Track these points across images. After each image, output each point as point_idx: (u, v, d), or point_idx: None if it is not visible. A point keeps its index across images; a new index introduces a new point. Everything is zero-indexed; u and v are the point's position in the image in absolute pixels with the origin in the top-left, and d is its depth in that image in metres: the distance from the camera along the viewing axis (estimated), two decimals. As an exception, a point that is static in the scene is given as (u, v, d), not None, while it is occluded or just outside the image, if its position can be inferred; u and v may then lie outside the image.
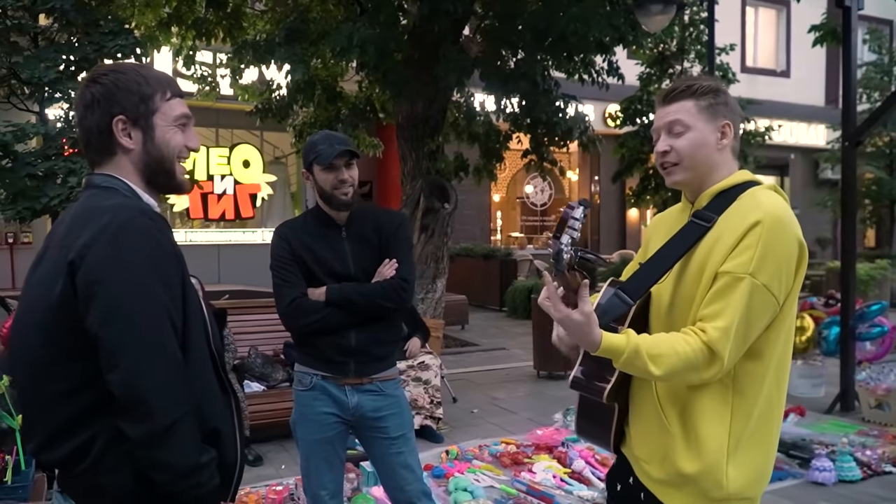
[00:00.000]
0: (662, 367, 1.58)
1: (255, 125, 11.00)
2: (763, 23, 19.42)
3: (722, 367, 1.60)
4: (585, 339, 1.57)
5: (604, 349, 1.57)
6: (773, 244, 1.61)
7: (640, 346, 1.58)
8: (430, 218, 8.43)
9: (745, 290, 1.60)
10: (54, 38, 6.57)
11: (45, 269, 1.49)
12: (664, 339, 1.63)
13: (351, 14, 8.24)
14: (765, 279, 1.60)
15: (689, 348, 1.59)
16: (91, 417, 1.43)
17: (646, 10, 7.11)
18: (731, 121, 1.77)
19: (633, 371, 1.63)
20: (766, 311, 1.63)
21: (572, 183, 18.66)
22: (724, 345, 1.58)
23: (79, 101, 1.57)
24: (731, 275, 1.62)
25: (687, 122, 1.75)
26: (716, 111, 1.76)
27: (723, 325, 1.59)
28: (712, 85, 1.79)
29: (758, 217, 1.62)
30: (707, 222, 1.71)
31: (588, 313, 1.54)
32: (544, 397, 6.74)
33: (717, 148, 1.76)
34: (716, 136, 1.75)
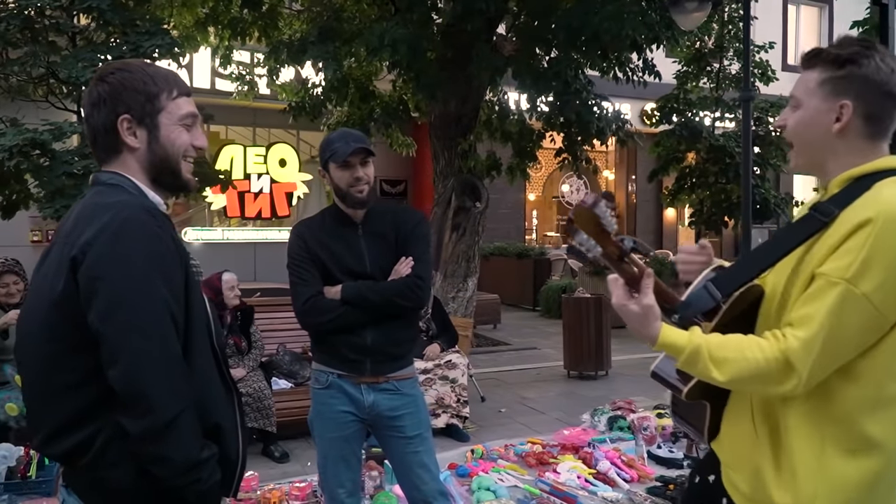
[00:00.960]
0: (727, 372, 1.42)
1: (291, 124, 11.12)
2: (805, 20, 19.02)
3: (800, 382, 1.40)
4: (642, 332, 1.47)
5: (661, 345, 1.45)
6: (884, 248, 1.36)
7: (703, 346, 1.43)
8: (461, 217, 8.42)
9: (837, 299, 1.38)
10: (92, 37, 6.67)
11: (49, 265, 1.51)
12: (735, 341, 1.45)
13: (385, 13, 8.27)
14: (866, 289, 1.37)
15: (760, 355, 1.42)
16: (94, 412, 1.45)
17: (681, 8, 7.00)
18: (861, 98, 1.48)
19: (695, 373, 1.48)
20: (864, 328, 1.40)
21: (609, 182, 18.50)
22: (802, 357, 1.39)
23: (86, 99, 1.60)
24: (825, 278, 1.41)
25: (800, 98, 1.54)
26: (836, 87, 1.49)
27: (807, 335, 1.39)
28: (843, 53, 1.49)
29: (869, 214, 1.38)
30: (825, 216, 1.47)
31: (645, 306, 1.44)
32: (574, 397, 6.68)
33: (829, 132, 1.50)
34: (830, 118, 1.50)
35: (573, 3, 7.47)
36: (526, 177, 9.81)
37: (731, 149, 11.20)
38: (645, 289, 1.44)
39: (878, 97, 1.49)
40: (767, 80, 11.70)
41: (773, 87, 12.11)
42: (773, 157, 11.47)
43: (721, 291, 1.53)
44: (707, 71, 11.85)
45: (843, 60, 1.49)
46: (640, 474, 4.45)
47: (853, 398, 1.45)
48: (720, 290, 1.53)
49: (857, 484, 1.45)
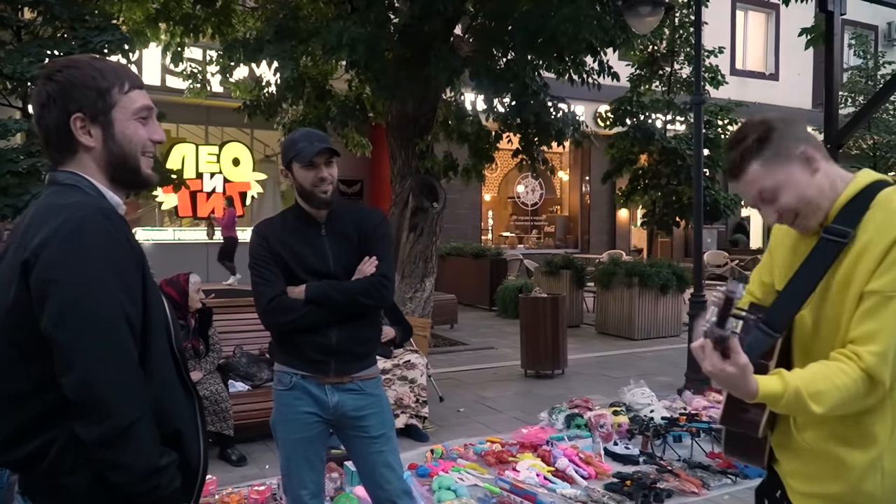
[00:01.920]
0: (824, 404, 1.51)
1: (246, 123, 10.97)
2: (752, 26, 19.55)
3: (884, 391, 1.54)
4: (741, 391, 1.51)
5: (762, 396, 1.51)
6: None
7: (800, 387, 1.51)
8: (419, 217, 8.42)
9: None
10: (38, 32, 6.50)
11: (3, 271, 1.45)
12: (820, 372, 1.54)
13: (342, 12, 8.22)
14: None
15: (848, 380, 1.52)
16: (50, 419, 1.41)
17: (635, 12, 7.12)
18: (803, 143, 1.64)
19: (794, 412, 1.58)
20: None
21: (563, 183, 18.72)
22: (882, 369, 1.51)
23: (35, 99, 1.53)
24: (879, 294, 1.53)
25: (770, 185, 1.64)
26: (783, 150, 1.63)
27: (879, 349, 1.51)
28: (758, 133, 1.64)
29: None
30: (842, 237, 1.59)
31: (743, 365, 1.48)
32: (531, 396, 6.74)
33: (815, 178, 1.64)
34: (803, 170, 1.63)
35: (530, 5, 7.53)
36: (481, 178, 9.85)
37: (683, 151, 11.44)
38: (735, 349, 1.48)
39: (803, 128, 1.68)
40: (717, 84, 11.99)
41: (723, 90, 12.42)
42: (723, 159, 11.74)
43: (775, 330, 1.64)
44: (659, 74, 12.09)
45: (766, 133, 1.63)
46: (597, 471, 4.51)
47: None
48: (773, 329, 1.63)
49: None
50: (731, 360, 1.47)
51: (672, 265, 10.34)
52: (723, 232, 19.34)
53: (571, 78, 8.37)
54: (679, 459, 4.71)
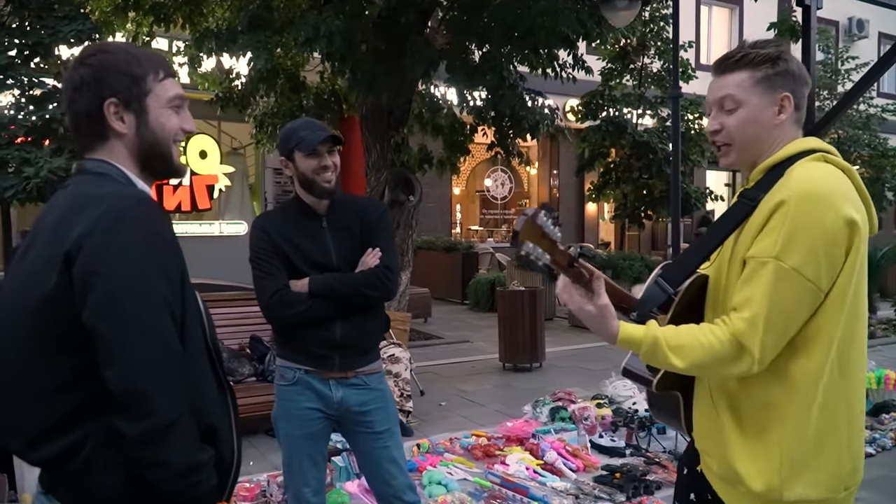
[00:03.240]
0: (686, 359, 1.51)
1: (213, 115, 10.76)
2: (717, 21, 19.81)
3: (754, 360, 1.49)
4: (602, 331, 1.53)
5: (621, 340, 1.53)
6: (802, 224, 1.47)
7: (660, 337, 1.51)
8: (395, 210, 8.34)
9: (772, 276, 1.48)
10: (5, 21, 6.31)
11: (35, 260, 1.40)
12: (688, 329, 1.55)
13: (315, 3, 8.10)
14: (794, 263, 1.47)
15: (714, 339, 1.50)
16: (83, 415, 1.36)
17: (612, 6, 7.16)
18: (792, 91, 1.62)
19: (656, 363, 1.57)
20: (802, 300, 1.49)
21: (532, 176, 18.78)
22: (751, 337, 1.48)
23: (67, 83, 1.49)
24: (755, 260, 1.51)
25: (739, 98, 1.62)
26: (773, 83, 1.61)
27: (749, 315, 1.49)
28: (771, 52, 1.61)
29: (783, 196, 1.50)
30: (752, 201, 1.58)
31: (602, 306, 1.50)
32: (511, 389, 6.76)
33: (773, 124, 1.62)
34: (772, 111, 1.61)
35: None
36: (456, 171, 9.83)
37: (654, 145, 11.56)
38: (598, 290, 1.49)
39: (803, 88, 1.65)
40: (688, 79, 12.12)
41: (691, 85, 12.55)
42: (693, 152, 11.90)
43: (671, 285, 1.63)
44: (630, 69, 12.18)
45: (774, 58, 1.61)
46: (585, 464, 4.53)
47: (806, 370, 1.54)
48: (670, 284, 1.63)
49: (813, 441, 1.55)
50: (591, 300, 1.50)
51: (644, 258, 10.46)
52: (688, 225, 19.62)
53: (545, 71, 8.38)
54: (665, 451, 4.76)
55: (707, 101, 1.71)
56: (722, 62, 1.66)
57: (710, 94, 1.68)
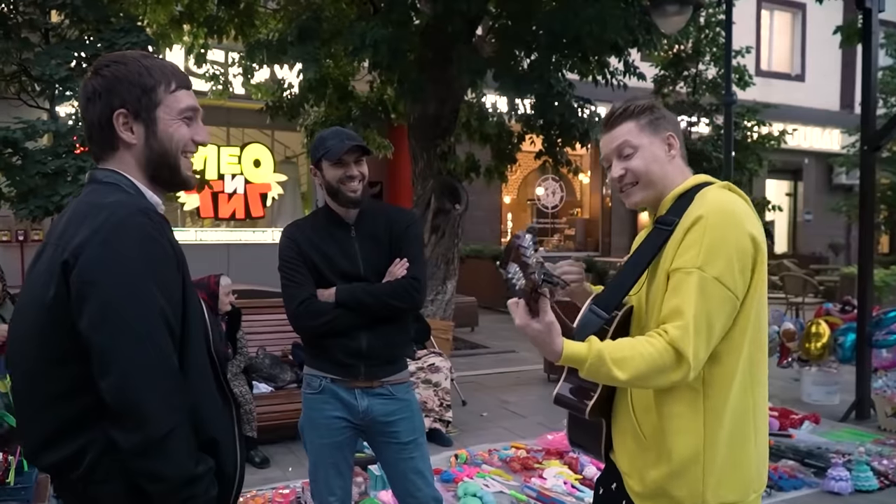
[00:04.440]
0: (628, 370, 1.56)
1: (267, 124, 10.95)
2: (778, 26, 19.27)
3: (690, 366, 1.57)
4: (547, 349, 1.58)
5: (566, 357, 1.57)
6: (720, 237, 1.61)
7: (603, 351, 1.57)
8: (441, 219, 8.37)
9: (697, 284, 1.59)
10: (65, 34, 6.54)
11: (41, 269, 1.43)
12: (628, 342, 1.62)
13: (364, 13, 8.19)
14: (715, 272, 1.59)
15: (652, 349, 1.57)
16: (85, 423, 1.37)
17: (662, 11, 7.02)
18: (674, 131, 1.82)
19: (600, 378, 1.63)
20: (724, 307, 1.61)
21: (584, 185, 18.58)
22: (686, 342, 1.56)
23: (81, 93, 1.52)
24: (680, 271, 1.62)
25: (634, 143, 1.79)
26: (657, 125, 1.80)
27: (682, 322, 1.57)
28: (646, 103, 1.83)
29: (701, 212, 1.64)
30: (668, 225, 1.72)
31: (548, 323, 1.54)
32: (555, 401, 6.65)
33: (667, 160, 1.80)
34: (664, 149, 1.80)
35: (554, 5, 7.46)
36: (504, 179, 9.80)
37: (709, 153, 11.29)
38: (543, 307, 1.53)
39: (678, 129, 1.85)
40: (745, 85, 11.82)
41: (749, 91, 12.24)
42: (750, 161, 11.59)
43: (605, 311, 1.74)
44: (684, 75, 11.94)
45: (650, 107, 1.83)
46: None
47: (719, 378, 1.66)
48: (604, 310, 1.74)
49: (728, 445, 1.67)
50: (538, 317, 1.53)
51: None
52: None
53: (595, 79, 8.28)
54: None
55: (604, 155, 1.87)
56: (608, 119, 1.85)
57: (605, 148, 1.85)
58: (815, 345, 6.71)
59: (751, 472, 1.72)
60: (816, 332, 6.81)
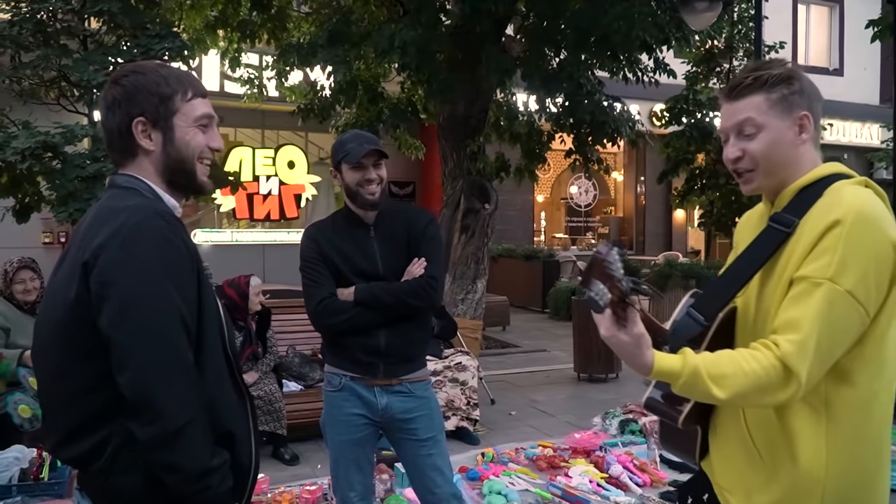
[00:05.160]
0: (727, 389, 1.41)
1: (300, 126, 11.10)
2: (815, 20, 18.93)
3: (800, 386, 1.40)
4: (635, 362, 1.43)
5: (657, 373, 1.42)
6: (857, 246, 1.41)
7: (700, 366, 1.41)
8: (470, 218, 8.41)
9: (825, 298, 1.40)
10: (103, 40, 6.70)
11: (65, 269, 1.50)
12: (728, 356, 1.45)
13: (393, 15, 8.27)
14: (848, 285, 1.41)
15: (758, 366, 1.41)
16: (105, 417, 1.44)
17: (691, 8, 6.97)
18: (810, 110, 1.57)
19: (695, 395, 1.48)
20: (851, 323, 1.43)
21: (618, 183, 18.46)
22: (800, 361, 1.39)
23: (101, 102, 1.59)
24: (808, 280, 1.43)
25: (759, 121, 1.55)
26: (791, 103, 1.55)
27: (799, 337, 1.40)
28: (783, 72, 1.57)
29: (838, 216, 1.43)
30: (787, 226, 1.52)
31: (637, 335, 1.40)
32: (584, 400, 6.65)
33: (796, 144, 1.56)
34: (794, 131, 1.56)
35: (582, 3, 7.45)
36: (534, 178, 9.81)
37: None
38: (632, 318, 1.39)
39: (818, 103, 1.59)
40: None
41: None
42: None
43: (704, 316, 1.56)
44: (717, 71, 11.80)
45: (787, 78, 1.56)
46: (652, 479, 4.41)
47: (849, 400, 1.48)
48: (703, 315, 1.56)
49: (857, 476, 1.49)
50: (626, 328, 1.39)
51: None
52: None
53: (626, 76, 8.25)
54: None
55: (722, 127, 1.63)
56: (734, 87, 1.60)
57: (725, 121, 1.61)
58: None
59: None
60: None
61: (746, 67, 1.63)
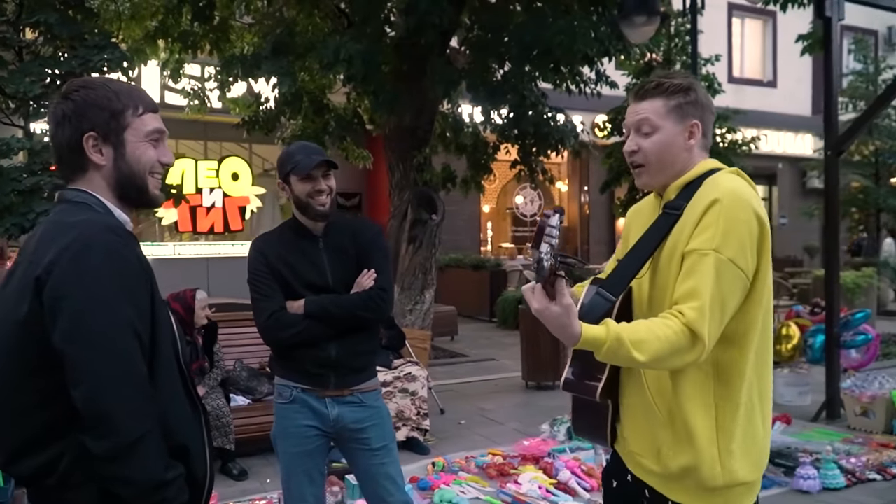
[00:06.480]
0: (646, 352, 1.56)
1: (244, 138, 10.97)
2: (749, 34, 19.60)
3: (704, 347, 1.58)
4: (565, 332, 1.54)
5: (584, 341, 1.55)
6: (734, 220, 1.62)
7: (622, 333, 1.56)
8: (418, 229, 8.44)
9: (713, 266, 1.60)
10: (39, 52, 6.54)
11: (14, 285, 1.49)
12: (644, 324, 1.62)
13: (338, 27, 8.27)
14: (730, 254, 1.61)
15: (669, 331, 1.58)
16: (58, 432, 1.43)
17: (630, 22, 7.15)
18: (701, 119, 1.78)
19: (617, 361, 1.62)
20: (736, 287, 1.63)
21: (562, 193, 18.73)
22: (702, 324, 1.57)
23: (51, 117, 1.58)
24: (696, 252, 1.63)
25: (655, 123, 1.76)
26: (685, 111, 1.76)
27: (697, 303, 1.59)
28: (683, 83, 1.78)
29: (716, 195, 1.65)
30: (677, 210, 1.73)
31: (567, 305, 1.51)
32: (532, 408, 6.73)
33: (684, 148, 1.77)
34: (684, 137, 1.77)
35: (525, 17, 7.58)
36: (480, 189, 9.89)
37: (680, 160, 11.43)
38: (561, 291, 1.52)
39: (709, 114, 1.81)
40: (714, 93, 12.00)
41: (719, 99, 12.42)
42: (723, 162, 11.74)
43: (612, 294, 1.73)
44: (656, 83, 12.10)
45: (686, 88, 1.77)
46: (600, 483, 4.50)
47: (735, 359, 1.69)
48: (611, 293, 1.73)
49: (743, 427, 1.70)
50: (556, 300, 1.51)
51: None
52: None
53: (568, 88, 8.41)
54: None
55: (625, 123, 1.84)
56: (640, 89, 1.81)
57: (629, 117, 1.82)
58: (785, 346, 6.86)
59: (761, 453, 1.75)
60: (787, 333, 6.96)
61: (655, 74, 1.80)
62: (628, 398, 1.83)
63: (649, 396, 1.75)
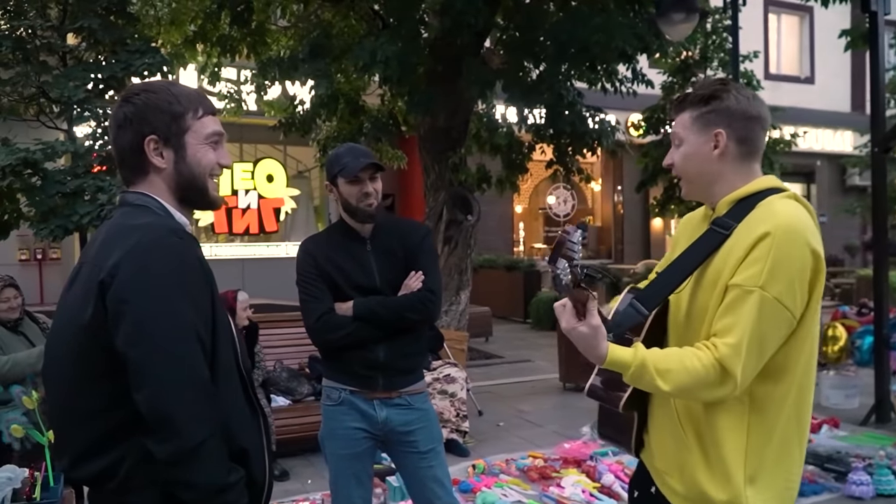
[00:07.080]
0: (671, 382, 1.55)
1: (279, 140, 11.06)
2: (786, 30, 19.26)
3: (736, 385, 1.55)
4: (592, 352, 1.56)
5: (610, 362, 1.56)
6: (784, 256, 1.56)
7: (648, 360, 1.56)
8: (453, 230, 8.42)
9: (756, 304, 1.55)
10: (82, 57, 6.68)
11: (78, 289, 1.49)
12: (674, 353, 1.60)
13: (373, 28, 8.29)
14: (776, 292, 1.55)
15: (699, 364, 1.55)
16: (121, 436, 1.44)
17: (668, 19, 7.06)
18: (728, 126, 1.70)
19: (641, 385, 1.61)
20: (780, 326, 1.58)
21: (595, 193, 18.59)
22: (735, 362, 1.54)
23: (112, 120, 1.59)
24: (740, 288, 1.58)
25: (682, 135, 1.76)
26: (706, 121, 1.72)
27: (733, 341, 1.55)
28: (706, 92, 1.74)
29: (767, 228, 1.58)
30: (725, 230, 1.66)
31: (594, 326, 1.52)
32: (570, 409, 6.67)
33: (711, 159, 1.71)
34: (708, 147, 1.71)
35: (561, 16, 7.53)
36: (515, 189, 9.85)
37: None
38: (591, 311, 1.52)
39: (743, 121, 1.71)
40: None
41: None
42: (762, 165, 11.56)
43: (646, 308, 1.70)
44: (692, 81, 11.96)
45: (706, 98, 1.73)
46: (643, 485, 4.44)
47: (773, 394, 1.64)
48: (645, 307, 1.70)
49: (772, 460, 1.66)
50: (585, 320, 1.52)
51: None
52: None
53: (604, 87, 8.33)
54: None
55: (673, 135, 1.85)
56: (675, 102, 1.81)
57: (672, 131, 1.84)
58: (832, 348, 6.72)
59: (788, 486, 1.70)
60: (833, 335, 6.81)
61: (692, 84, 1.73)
62: (657, 413, 1.80)
63: (676, 416, 1.72)
